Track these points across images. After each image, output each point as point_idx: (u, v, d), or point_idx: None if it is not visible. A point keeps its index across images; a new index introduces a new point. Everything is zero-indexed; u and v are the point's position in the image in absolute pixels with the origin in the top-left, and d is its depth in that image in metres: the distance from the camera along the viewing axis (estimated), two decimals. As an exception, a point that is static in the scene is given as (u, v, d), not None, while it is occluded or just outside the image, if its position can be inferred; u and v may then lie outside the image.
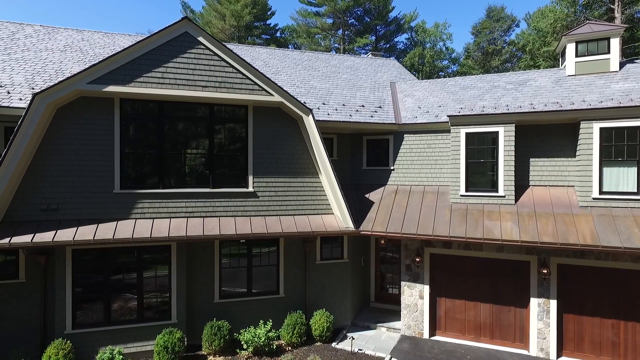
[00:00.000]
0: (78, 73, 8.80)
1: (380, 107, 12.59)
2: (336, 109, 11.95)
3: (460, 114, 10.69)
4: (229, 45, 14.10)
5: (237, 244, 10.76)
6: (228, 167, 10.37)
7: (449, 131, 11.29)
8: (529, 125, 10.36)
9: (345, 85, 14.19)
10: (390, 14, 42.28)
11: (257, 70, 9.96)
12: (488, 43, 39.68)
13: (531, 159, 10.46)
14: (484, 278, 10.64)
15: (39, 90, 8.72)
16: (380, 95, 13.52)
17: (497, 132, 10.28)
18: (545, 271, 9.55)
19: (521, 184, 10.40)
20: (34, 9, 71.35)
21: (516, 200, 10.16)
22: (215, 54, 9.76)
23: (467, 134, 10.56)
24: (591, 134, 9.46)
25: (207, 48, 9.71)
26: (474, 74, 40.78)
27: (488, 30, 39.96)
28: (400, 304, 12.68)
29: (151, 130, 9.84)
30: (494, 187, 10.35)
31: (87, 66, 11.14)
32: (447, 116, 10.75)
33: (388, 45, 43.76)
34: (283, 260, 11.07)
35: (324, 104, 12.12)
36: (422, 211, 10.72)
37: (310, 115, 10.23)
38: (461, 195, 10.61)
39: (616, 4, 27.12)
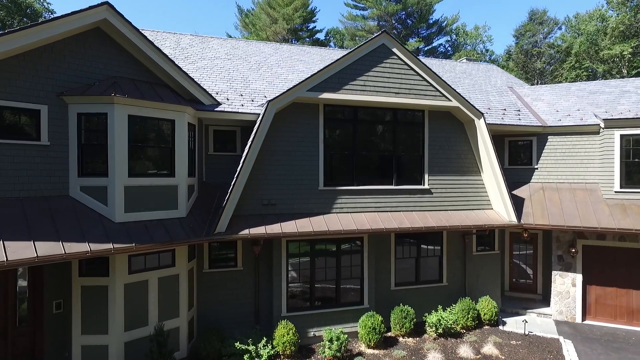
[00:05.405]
0: (300, 82, 9.84)
1: (519, 110, 13.59)
2: (486, 113, 12.94)
3: (614, 117, 11.68)
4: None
5: (406, 236, 11.75)
6: (407, 166, 11.39)
7: (594, 133, 12.30)
8: (680, 127, 11.37)
9: (472, 89, 15.18)
10: (430, 16, 43.28)
11: (440, 77, 10.97)
12: (531, 46, 40.65)
13: (681, 158, 11.47)
14: (635, 267, 11.64)
15: (271, 98, 9.80)
16: (509, 100, 14.52)
17: (652, 134, 11.29)
18: None
19: (671, 181, 11.41)
20: None
21: (672, 195, 11.17)
22: (406, 63, 10.77)
23: (622, 136, 11.56)
24: None
25: (399, 58, 10.72)
26: (514, 75, 41.97)
27: (531, 33, 40.94)
28: (534, 292, 13.76)
29: (346, 133, 10.87)
30: (649, 183, 11.36)
31: (304, 75, 12.23)
32: (602, 119, 11.75)
33: (429, 48, 44.77)
34: (446, 252, 12.08)
35: (472, 107, 13.11)
36: (577, 206, 11.71)
37: (482, 119, 11.24)
38: (615, 192, 11.60)
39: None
